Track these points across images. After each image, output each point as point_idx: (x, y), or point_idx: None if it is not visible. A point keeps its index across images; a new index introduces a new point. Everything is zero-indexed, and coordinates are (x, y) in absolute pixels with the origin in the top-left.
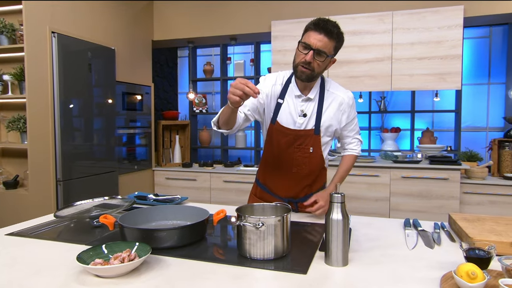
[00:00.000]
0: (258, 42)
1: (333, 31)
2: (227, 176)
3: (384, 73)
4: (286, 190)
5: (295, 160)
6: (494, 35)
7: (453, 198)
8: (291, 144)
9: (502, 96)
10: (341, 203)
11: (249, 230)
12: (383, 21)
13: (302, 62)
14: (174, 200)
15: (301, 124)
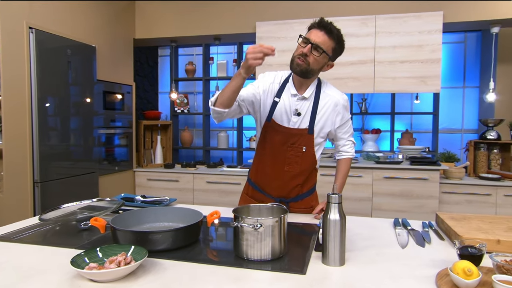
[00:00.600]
0: (241, 42)
1: (333, 31)
2: (210, 177)
3: (367, 76)
4: (277, 189)
5: (288, 159)
6: (468, 40)
7: (432, 197)
8: (284, 143)
9: (476, 99)
10: (338, 204)
11: (247, 231)
12: (367, 25)
13: (299, 54)
14: (163, 201)
15: (295, 123)
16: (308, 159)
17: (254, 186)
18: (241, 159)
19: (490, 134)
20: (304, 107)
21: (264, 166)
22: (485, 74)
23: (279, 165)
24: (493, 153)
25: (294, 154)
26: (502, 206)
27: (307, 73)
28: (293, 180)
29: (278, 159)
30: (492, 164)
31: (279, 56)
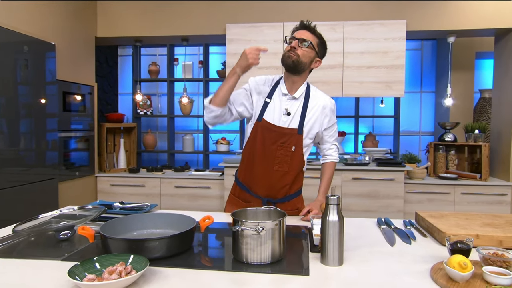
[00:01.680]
0: (207, 44)
1: (315, 29)
2: (178, 181)
3: (336, 80)
4: (265, 188)
5: (277, 158)
6: (424, 48)
7: (398, 197)
8: (274, 142)
9: (432, 103)
10: (337, 205)
11: (247, 235)
12: (335, 30)
13: (288, 50)
14: (143, 208)
15: (285, 122)
16: (296, 158)
17: (242, 186)
18: (208, 163)
19: (447, 137)
20: (294, 107)
21: (253, 165)
22: (441, 80)
23: (268, 164)
24: (450, 154)
25: (284, 153)
26: (459, 203)
27: (298, 64)
28: (281, 180)
29: (268, 158)
30: (450, 164)
31: None
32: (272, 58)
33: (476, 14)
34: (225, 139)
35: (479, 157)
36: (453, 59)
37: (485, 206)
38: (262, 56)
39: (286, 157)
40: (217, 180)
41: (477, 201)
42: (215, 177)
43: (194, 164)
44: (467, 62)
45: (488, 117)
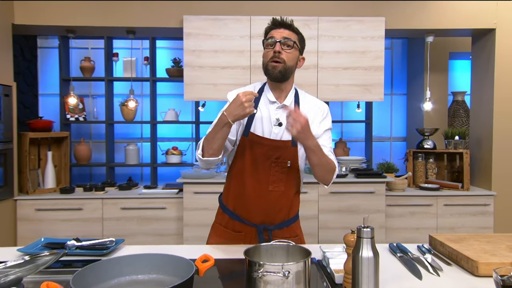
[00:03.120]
0: (154, 37)
1: (291, 24)
2: (125, 202)
3: (310, 82)
4: (260, 214)
5: (272, 177)
6: (395, 47)
7: (379, 211)
8: (268, 157)
9: (404, 107)
10: (371, 239)
11: (270, 281)
12: (309, 27)
13: (271, 57)
14: (107, 245)
15: (277, 134)
16: (293, 175)
17: (231, 213)
18: (156, 177)
19: (427, 144)
20: (285, 117)
21: (244, 187)
22: (413, 81)
23: (262, 185)
24: (429, 162)
25: (279, 170)
26: (442, 216)
27: (286, 72)
28: (278, 202)
29: (261, 178)
30: (429, 173)
31: (211, 57)
32: (237, 56)
33: (455, 13)
34: (176, 148)
35: (460, 165)
36: (425, 59)
37: (468, 218)
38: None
39: (282, 174)
40: (173, 198)
41: (460, 212)
42: (171, 195)
43: (138, 178)
44: (441, 63)
45: (462, 122)
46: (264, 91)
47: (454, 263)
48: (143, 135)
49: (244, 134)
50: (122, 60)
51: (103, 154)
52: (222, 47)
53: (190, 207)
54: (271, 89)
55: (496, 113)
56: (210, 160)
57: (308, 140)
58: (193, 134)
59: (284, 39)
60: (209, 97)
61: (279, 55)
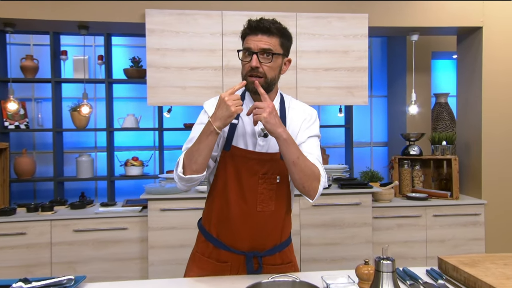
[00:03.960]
0: (110, 34)
1: (270, 27)
2: (79, 223)
3: (289, 84)
4: (249, 239)
5: (260, 195)
6: (374, 47)
7: (365, 225)
8: (254, 173)
9: (384, 110)
10: (392, 273)
11: None
12: (287, 24)
13: (249, 71)
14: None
15: (263, 146)
16: (283, 192)
17: (215, 240)
18: (113, 192)
19: (412, 150)
20: None
21: (228, 209)
22: (393, 83)
23: (249, 205)
24: (415, 169)
25: (267, 187)
26: (432, 227)
27: (268, 86)
28: (268, 224)
29: (248, 197)
30: (415, 181)
31: (178, 56)
32: (208, 55)
33: (441, 11)
34: (137, 159)
35: (447, 172)
36: (408, 59)
37: (458, 229)
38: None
39: (271, 191)
40: (136, 217)
41: (450, 223)
42: (133, 213)
43: (92, 194)
44: (423, 63)
45: (446, 125)
46: (246, 100)
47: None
48: (97, 144)
49: (226, 148)
50: (72, 59)
51: (50, 167)
52: (191, 45)
53: (155, 226)
54: (252, 95)
55: (485, 116)
56: (194, 177)
57: (278, 127)
58: (155, 142)
59: (261, 50)
60: (176, 102)
61: (257, 70)
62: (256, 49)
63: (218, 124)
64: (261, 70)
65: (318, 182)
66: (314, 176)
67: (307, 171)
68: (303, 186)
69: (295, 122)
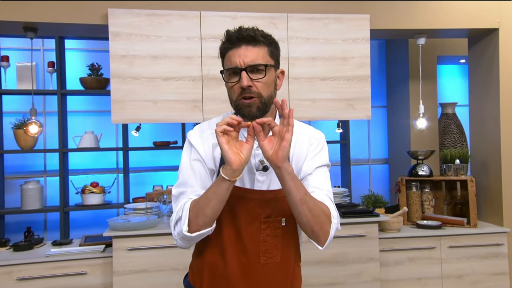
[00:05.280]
0: (62, 37)
1: (254, 35)
2: (25, 270)
3: (279, 97)
4: None
5: (263, 244)
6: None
7: (372, 260)
8: (255, 217)
9: (384, 122)
10: None
11: None
12: (276, 26)
13: (240, 94)
14: None
15: (263, 182)
16: (289, 237)
17: None
18: (68, 227)
19: (421, 169)
20: None
21: (226, 266)
22: (394, 91)
23: (251, 258)
24: (425, 193)
25: (271, 233)
26: (448, 261)
27: (266, 106)
28: (275, 279)
29: (248, 248)
30: (425, 206)
31: (148, 64)
32: (184, 63)
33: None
34: (97, 184)
35: (462, 195)
36: (411, 65)
37: (478, 262)
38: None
39: (276, 238)
40: (98, 259)
41: (468, 255)
42: (94, 254)
43: (41, 229)
44: (428, 69)
45: (454, 139)
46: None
47: None
48: (47, 168)
49: None
50: (15, 66)
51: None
52: (164, 51)
53: (122, 269)
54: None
55: (504, 129)
56: (203, 233)
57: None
58: (119, 163)
59: (250, 66)
60: (147, 118)
61: (250, 90)
62: (243, 64)
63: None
64: (254, 90)
65: (329, 224)
66: (324, 217)
67: (316, 211)
68: (312, 229)
69: (299, 149)
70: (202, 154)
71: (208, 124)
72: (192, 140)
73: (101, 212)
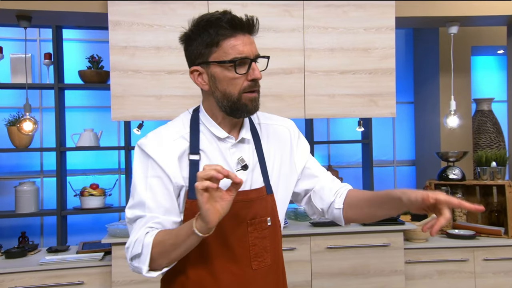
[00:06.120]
0: (60, 26)
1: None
2: (18, 279)
3: (294, 92)
4: None
5: (254, 247)
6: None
7: (396, 272)
8: (241, 220)
9: (411, 120)
10: None
11: None
12: (291, 14)
13: (249, 87)
14: None
15: (244, 182)
16: (276, 238)
17: None
18: (65, 233)
19: (452, 173)
20: (248, 155)
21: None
22: (422, 86)
23: (242, 266)
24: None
25: (259, 235)
26: (483, 275)
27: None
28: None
29: (239, 255)
30: (457, 214)
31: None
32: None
33: None
34: (97, 186)
35: (498, 201)
36: (442, 56)
37: None
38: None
39: (264, 240)
40: (96, 268)
41: (506, 269)
42: (92, 262)
43: (36, 234)
44: (461, 61)
45: (490, 139)
46: (203, 126)
47: None
48: (44, 168)
49: (191, 196)
50: (9, 58)
51: None
52: (168, 42)
53: (122, 279)
54: (215, 121)
55: None
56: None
57: None
58: (121, 163)
59: (257, 56)
60: (149, 116)
61: (258, 83)
62: (252, 55)
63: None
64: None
65: None
66: None
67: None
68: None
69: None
70: (166, 169)
71: (166, 129)
72: (150, 151)
73: (102, 216)
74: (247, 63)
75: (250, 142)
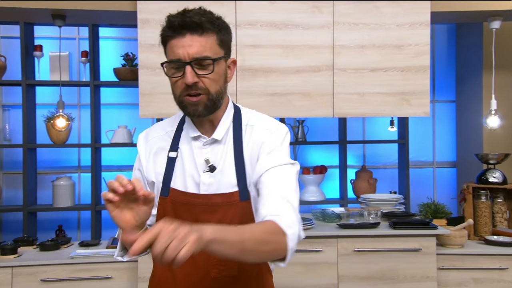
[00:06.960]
0: (96, 24)
1: (201, 21)
2: (49, 271)
3: (322, 91)
4: None
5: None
6: (437, 37)
7: (428, 279)
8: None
9: (452, 120)
10: None
11: None
12: (321, 11)
13: (185, 90)
14: None
15: (210, 185)
16: None
17: None
18: (99, 227)
19: (493, 176)
20: (220, 156)
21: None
22: (464, 84)
23: (200, 270)
24: (497, 203)
25: None
26: None
27: (214, 103)
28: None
29: (198, 259)
30: (497, 219)
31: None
32: None
33: None
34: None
35: None
36: (486, 53)
37: None
38: None
39: None
40: (124, 263)
41: None
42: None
43: (73, 228)
44: (506, 58)
45: None
46: (186, 123)
47: None
48: (81, 163)
49: (163, 193)
50: (49, 56)
51: (19, 192)
52: None
53: (148, 275)
54: (192, 120)
55: None
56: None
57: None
58: None
59: (195, 59)
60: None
61: (196, 86)
62: (188, 57)
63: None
64: (201, 86)
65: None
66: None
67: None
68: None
69: (257, 144)
70: (143, 162)
71: (158, 125)
72: (137, 145)
73: None
74: (181, 66)
75: (226, 143)
